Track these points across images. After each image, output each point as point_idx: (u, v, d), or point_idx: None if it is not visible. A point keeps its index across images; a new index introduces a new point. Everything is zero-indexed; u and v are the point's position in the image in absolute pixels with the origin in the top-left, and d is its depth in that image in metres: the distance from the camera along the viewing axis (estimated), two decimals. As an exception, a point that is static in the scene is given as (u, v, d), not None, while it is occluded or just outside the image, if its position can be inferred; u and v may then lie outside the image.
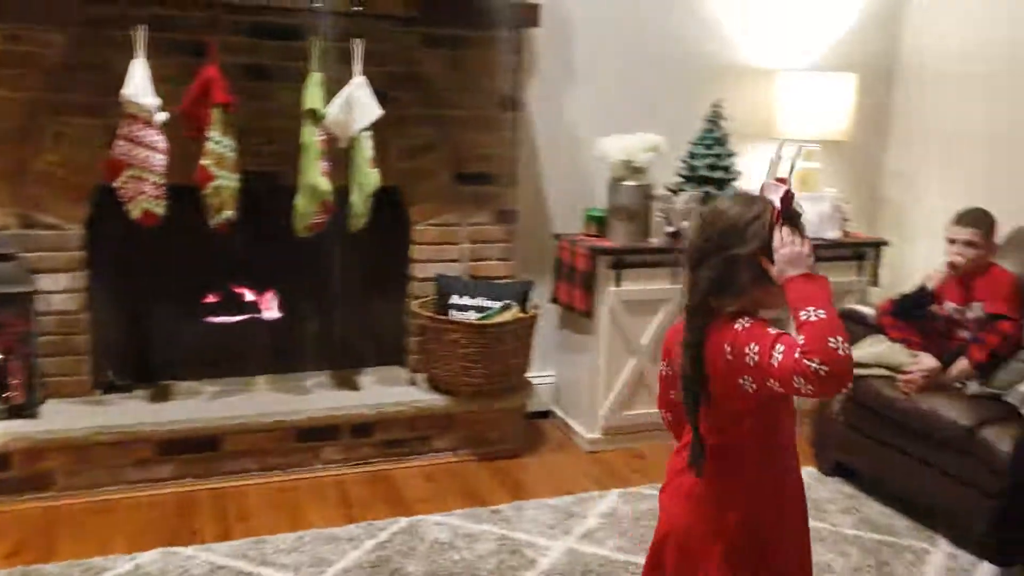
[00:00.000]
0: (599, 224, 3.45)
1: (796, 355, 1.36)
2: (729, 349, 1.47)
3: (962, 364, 2.85)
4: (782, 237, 1.48)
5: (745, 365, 1.44)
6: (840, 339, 1.35)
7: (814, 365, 1.33)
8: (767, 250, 1.49)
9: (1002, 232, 3.20)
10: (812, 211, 3.61)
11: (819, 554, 2.65)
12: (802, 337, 1.37)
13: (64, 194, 2.90)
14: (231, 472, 3.00)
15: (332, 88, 2.96)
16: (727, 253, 1.51)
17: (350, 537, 2.64)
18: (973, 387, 2.83)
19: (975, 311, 2.96)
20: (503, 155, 3.38)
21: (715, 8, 3.72)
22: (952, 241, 2.99)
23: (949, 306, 3.02)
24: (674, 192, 3.47)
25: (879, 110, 4.07)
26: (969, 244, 2.94)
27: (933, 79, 3.91)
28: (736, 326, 1.48)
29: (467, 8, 3.09)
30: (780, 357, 1.39)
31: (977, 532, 2.50)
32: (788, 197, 1.52)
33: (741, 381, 1.46)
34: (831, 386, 1.36)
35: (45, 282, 2.92)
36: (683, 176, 3.54)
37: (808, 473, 3.22)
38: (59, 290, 2.95)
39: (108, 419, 2.89)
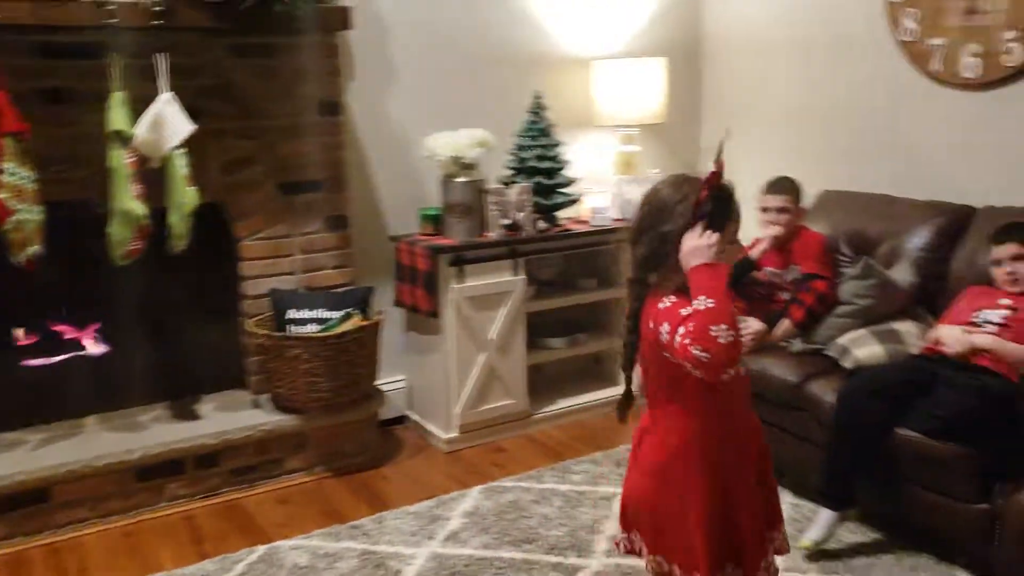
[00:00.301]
0: (435, 223, 3.45)
1: (686, 341, 1.46)
2: (652, 324, 1.60)
3: (785, 325, 3.05)
4: (692, 228, 1.57)
5: (660, 341, 1.56)
6: (724, 327, 1.45)
7: (695, 351, 1.45)
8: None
9: (810, 197, 3.45)
10: (638, 192, 3.74)
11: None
12: (691, 324, 1.47)
13: None
14: (66, 524, 2.80)
15: (139, 107, 2.80)
16: (658, 231, 1.62)
17: (204, 574, 2.53)
18: (797, 345, 3.03)
19: (792, 273, 3.17)
20: (328, 161, 3.31)
21: (526, 0, 3.78)
22: (765, 209, 3.19)
23: (768, 271, 3.22)
24: (506, 185, 3.51)
25: (690, 90, 4.28)
26: (782, 210, 3.15)
27: (737, 56, 4.14)
28: (660, 304, 1.59)
29: (275, 15, 3.00)
30: (679, 340, 1.49)
31: (813, 482, 2.67)
32: (711, 178, 1.61)
33: (664, 353, 1.57)
34: (713, 371, 1.47)
35: None
36: (513, 168, 3.59)
37: (656, 444, 3.34)
38: None
39: (-82, 485, 2.64)
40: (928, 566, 2.48)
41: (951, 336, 2.62)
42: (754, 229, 3.29)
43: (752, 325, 3.05)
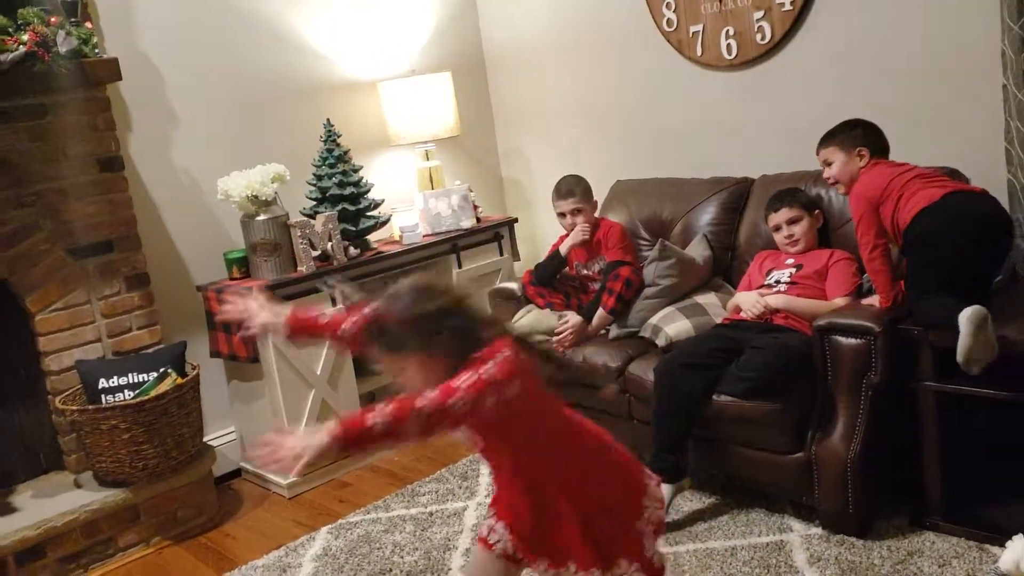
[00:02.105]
0: (242, 265, 3.37)
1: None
2: None
3: (600, 314, 3.19)
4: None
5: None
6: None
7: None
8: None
9: (603, 189, 3.64)
10: (445, 205, 3.82)
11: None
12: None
13: None
14: None
15: None
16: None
17: None
18: (614, 331, 3.18)
19: (599, 264, 3.33)
20: (117, 219, 3.16)
21: (300, 31, 3.75)
22: (561, 214, 3.33)
23: (578, 265, 3.37)
24: (311, 216, 3.48)
25: (480, 100, 4.39)
26: (575, 212, 3.30)
27: (517, 63, 4.29)
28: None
29: (36, 74, 2.83)
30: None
31: (646, 460, 2.80)
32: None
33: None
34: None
35: None
36: (315, 199, 3.56)
37: (499, 447, 3.42)
38: None
39: None
40: (761, 519, 2.67)
41: (748, 301, 2.84)
42: (557, 228, 3.44)
43: (570, 319, 3.18)
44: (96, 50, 2.99)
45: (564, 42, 4.05)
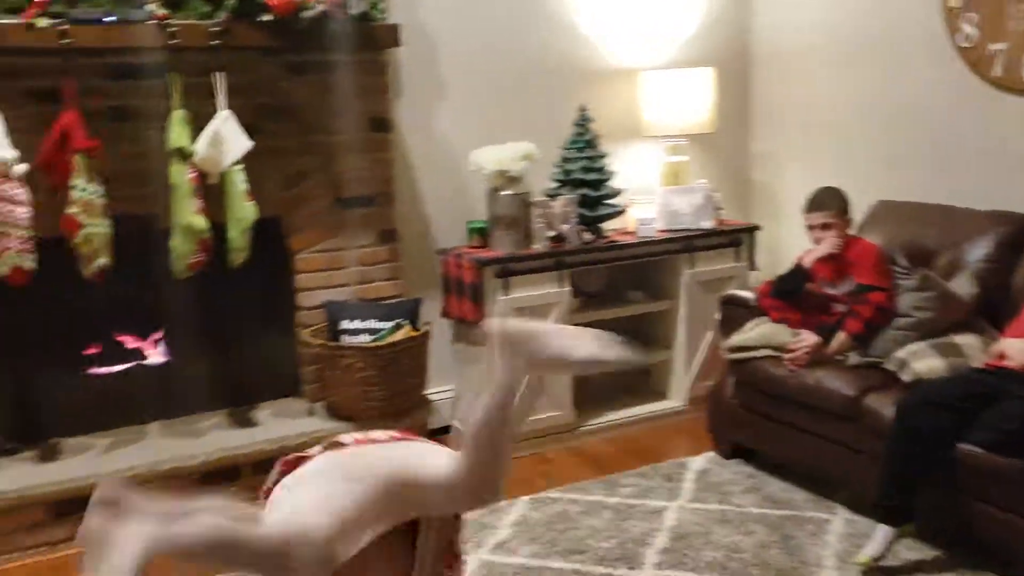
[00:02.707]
0: (482, 235, 3.50)
1: None
2: None
3: (841, 337, 2.98)
4: None
5: None
6: None
7: None
8: None
9: (863, 207, 3.41)
10: (685, 203, 3.75)
11: (725, 535, 2.75)
12: None
13: (-79, 258, 2.76)
14: (132, 526, 2.90)
15: (199, 125, 2.91)
16: None
17: (259, 577, 2.59)
18: (854, 358, 2.96)
19: (847, 285, 3.13)
20: (379, 176, 3.39)
21: (572, 13, 3.82)
22: (811, 227, 3.16)
23: (823, 282, 3.19)
24: (552, 197, 3.55)
25: (739, 99, 4.26)
26: (826, 227, 3.11)
27: (787, 63, 4.11)
28: None
29: (328, 33, 3.09)
30: None
31: (870, 497, 2.62)
32: None
33: None
34: None
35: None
36: (559, 181, 3.62)
37: (709, 458, 3.33)
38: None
39: (-6, 486, 2.77)
40: (989, 585, 2.43)
41: (1016, 349, 2.56)
42: (802, 242, 3.27)
43: (806, 338, 3.02)
44: (382, 15, 3.22)
45: (841, 47, 3.83)
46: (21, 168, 2.69)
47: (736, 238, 3.84)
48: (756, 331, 3.16)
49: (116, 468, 2.89)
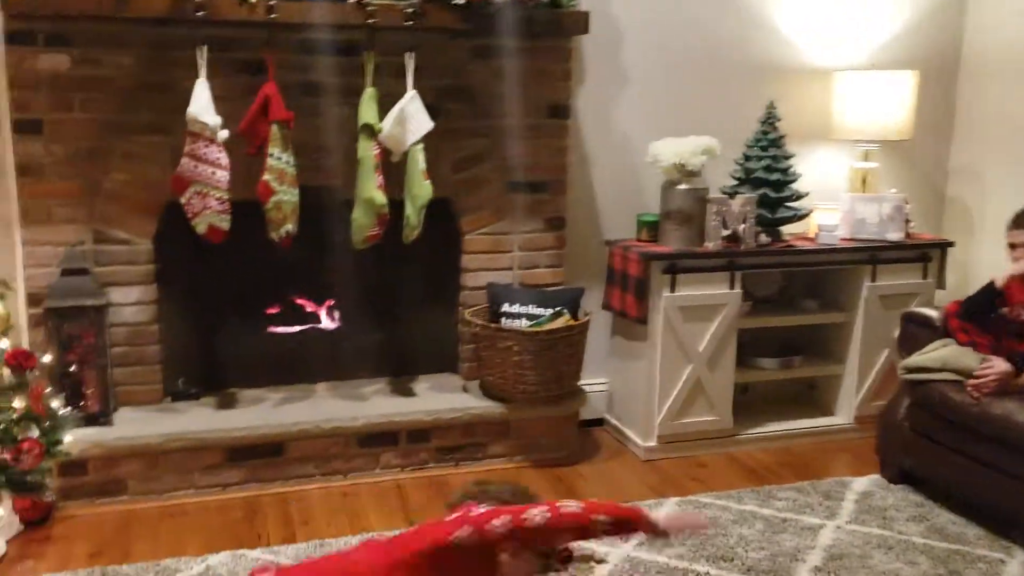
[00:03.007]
0: (652, 229, 3.44)
1: None
2: None
3: (1034, 368, 2.76)
4: None
5: None
6: None
7: None
8: None
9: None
10: (873, 212, 3.54)
11: (884, 562, 2.60)
12: None
13: (134, 210, 3.03)
14: (295, 477, 3.08)
15: (386, 103, 3.02)
16: None
17: (407, 541, 2.68)
18: (1046, 392, 2.73)
19: (1047, 312, 2.86)
20: (552, 163, 3.40)
21: (767, 7, 3.68)
22: (1012, 246, 2.90)
23: (1019, 308, 2.92)
24: (730, 195, 3.44)
25: (941, 106, 3.97)
26: (1029, 247, 2.85)
27: (998, 72, 3.79)
28: None
29: (517, 19, 3.13)
30: None
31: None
32: None
33: None
34: None
35: (117, 295, 3.05)
36: (738, 179, 3.51)
37: (874, 481, 3.15)
38: (130, 303, 3.08)
39: (179, 426, 3.00)
40: None
41: None
42: (1001, 263, 3.01)
43: (996, 365, 2.79)
44: (571, 1, 3.22)
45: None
46: (224, 134, 2.88)
47: (925, 253, 3.59)
48: (938, 352, 2.96)
49: (284, 421, 3.07)
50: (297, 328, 3.44)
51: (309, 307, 3.46)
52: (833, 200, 3.69)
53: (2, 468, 2.49)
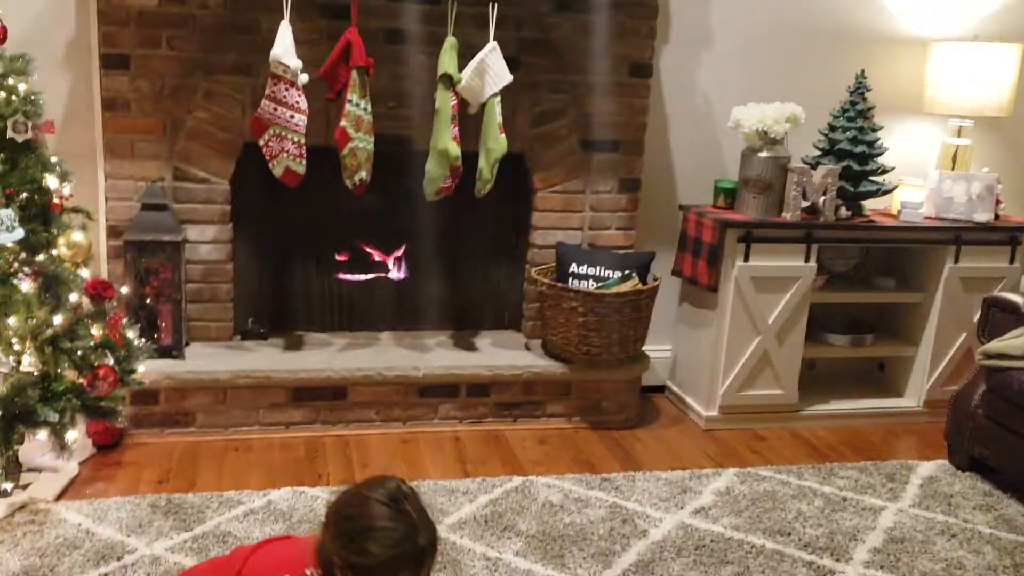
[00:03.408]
0: (729, 196, 3.37)
1: None
2: None
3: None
4: None
5: None
6: None
7: None
8: None
9: None
10: (961, 191, 3.40)
11: (947, 549, 2.53)
12: None
13: (214, 150, 3.07)
14: (356, 420, 3.13)
15: (466, 53, 2.99)
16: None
17: (465, 490, 2.71)
18: None
19: None
20: (630, 123, 3.34)
21: (865, -27, 3.54)
22: None
23: None
24: (812, 166, 3.34)
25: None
26: None
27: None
28: None
29: (602, -27, 3.07)
30: None
31: None
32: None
33: None
34: None
35: (194, 233, 3.11)
36: (821, 149, 3.40)
37: (940, 467, 3.07)
38: (206, 240, 3.14)
39: (247, 364, 3.07)
40: None
41: None
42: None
43: None
44: (660, -42, 3.13)
45: None
46: (304, 77, 2.89)
47: (1014, 236, 3.44)
48: (1021, 340, 2.86)
49: (348, 367, 3.11)
50: (365, 276, 3.47)
51: (378, 256, 3.48)
52: (920, 176, 3.56)
53: (78, 393, 2.57)
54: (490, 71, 2.99)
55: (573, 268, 3.30)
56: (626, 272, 3.24)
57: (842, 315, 3.59)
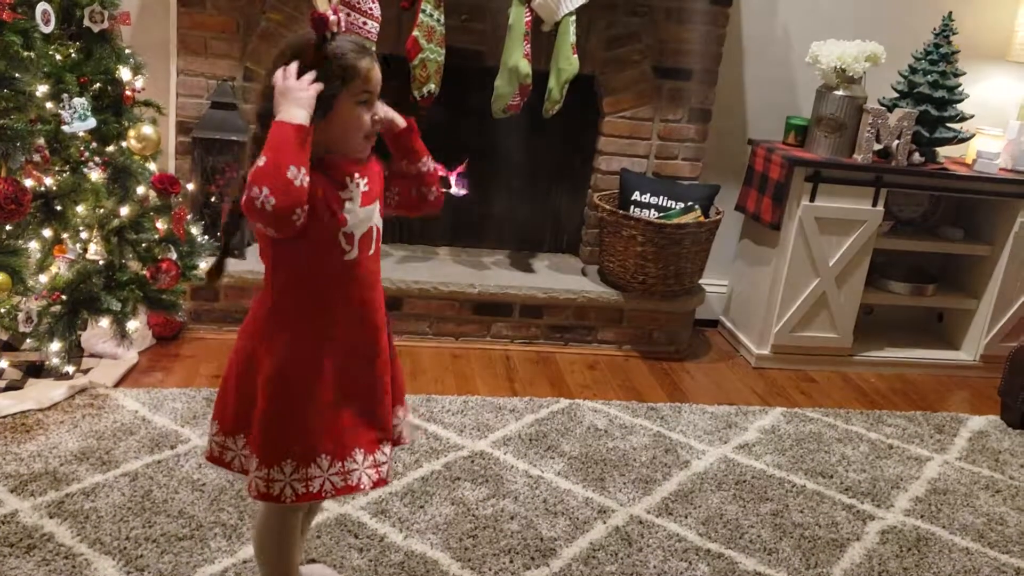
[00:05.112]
0: (800, 134, 3.29)
1: (243, 202, 1.38)
2: None
3: None
4: (283, 73, 1.45)
5: None
6: (262, 189, 1.35)
7: (251, 209, 1.37)
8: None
9: None
10: (1043, 144, 3.28)
11: (990, 504, 2.53)
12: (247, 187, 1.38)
13: (283, 53, 3.05)
14: (409, 332, 3.18)
15: (544, -32, 2.92)
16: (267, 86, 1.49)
17: (512, 408, 2.76)
18: None
19: None
20: (705, 51, 3.25)
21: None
22: None
23: None
24: (888, 108, 3.24)
25: None
26: None
27: None
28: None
29: None
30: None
31: None
32: (319, 23, 1.46)
33: None
34: (263, 229, 1.43)
35: (260, 135, 3.12)
36: (899, 91, 3.29)
37: (991, 422, 3.05)
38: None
39: (304, 269, 3.11)
40: None
41: None
42: None
43: None
44: None
45: None
46: (380, -16, 2.85)
47: (1092, 195, 3.33)
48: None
49: (405, 278, 3.14)
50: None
51: (440, 171, 3.46)
52: (999, 127, 3.43)
53: (141, 284, 2.63)
54: (567, -12, 2.92)
55: (636, 196, 3.27)
56: (689, 204, 3.21)
57: (905, 262, 3.53)
